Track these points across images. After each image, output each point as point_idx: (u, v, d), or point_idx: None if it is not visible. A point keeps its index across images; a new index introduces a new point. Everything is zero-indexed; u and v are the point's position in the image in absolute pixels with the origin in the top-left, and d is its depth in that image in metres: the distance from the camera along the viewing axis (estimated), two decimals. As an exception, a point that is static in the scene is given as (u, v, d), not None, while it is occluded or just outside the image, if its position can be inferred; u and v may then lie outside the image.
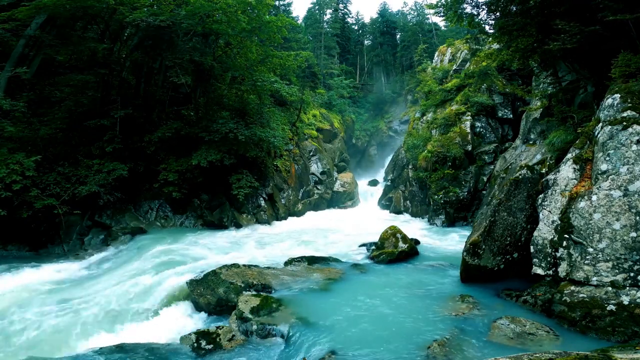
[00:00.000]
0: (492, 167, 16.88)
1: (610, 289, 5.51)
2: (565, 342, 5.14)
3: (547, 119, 11.71)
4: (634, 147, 5.75)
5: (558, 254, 6.20)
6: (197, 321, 7.01)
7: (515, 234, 7.44)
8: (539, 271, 6.44)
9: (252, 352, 5.51)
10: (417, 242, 11.71)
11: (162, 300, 7.56)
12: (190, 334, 5.87)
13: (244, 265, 8.48)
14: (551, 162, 9.50)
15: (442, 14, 12.50)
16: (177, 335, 6.20)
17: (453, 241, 12.53)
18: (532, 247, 6.63)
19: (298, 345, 5.41)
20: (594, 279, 5.70)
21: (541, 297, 6.19)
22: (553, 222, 6.41)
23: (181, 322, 6.95)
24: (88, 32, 15.03)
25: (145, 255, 10.73)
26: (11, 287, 8.49)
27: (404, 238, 10.50)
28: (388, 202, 22.94)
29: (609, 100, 6.50)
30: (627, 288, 5.38)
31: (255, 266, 8.70)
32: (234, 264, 8.40)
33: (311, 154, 24.51)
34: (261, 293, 7.14)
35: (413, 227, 16.07)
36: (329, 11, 47.26)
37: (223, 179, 15.44)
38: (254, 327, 5.92)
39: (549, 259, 6.33)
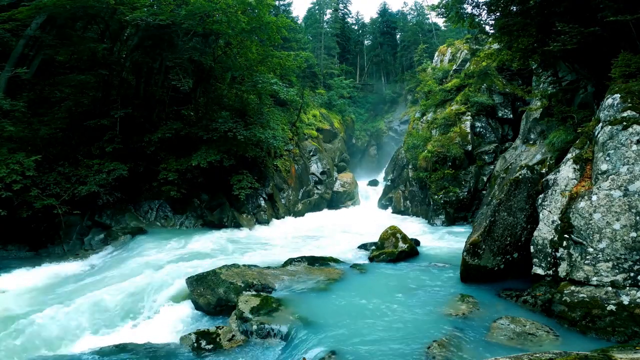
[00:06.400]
0: (492, 167, 16.88)
1: (610, 289, 5.51)
2: (565, 342, 5.14)
3: (547, 119, 11.70)
4: (634, 147, 5.75)
5: (558, 254, 6.20)
6: (197, 321, 7.00)
7: (515, 234, 7.44)
8: (539, 271, 6.43)
9: (252, 352, 5.51)
10: (417, 242, 11.70)
11: (162, 300, 7.55)
12: (190, 334, 5.87)
13: (244, 265, 8.48)
14: (551, 162, 9.50)
15: (443, 15, 12.51)
16: (177, 335, 6.20)
17: (453, 241, 12.53)
18: (532, 247, 6.63)
19: (298, 345, 5.41)
20: (594, 279, 5.70)
21: (541, 297, 6.19)
22: (553, 222, 6.41)
23: (181, 322, 6.94)
24: (88, 32, 15.03)
25: (145, 256, 10.73)
26: (11, 288, 8.50)
27: (404, 238, 10.50)
28: (388, 202, 22.94)
29: (609, 100, 6.50)
30: (627, 288, 5.38)
31: (255, 266, 8.70)
32: (233, 264, 8.40)
33: (311, 154, 24.50)
34: (261, 293, 7.14)
35: (413, 227, 16.06)
36: (329, 11, 47.25)
37: (223, 179, 15.44)
38: (254, 327, 5.92)
39: (549, 259, 6.33)
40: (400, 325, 5.80)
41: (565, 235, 6.14)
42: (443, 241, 12.84)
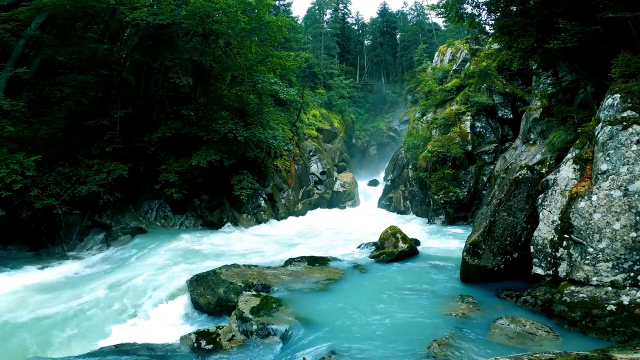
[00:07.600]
0: (492, 167, 16.89)
1: (610, 289, 5.51)
2: (565, 342, 5.14)
3: (547, 119, 11.70)
4: (634, 147, 5.75)
5: (558, 254, 6.20)
6: (197, 321, 7.00)
7: (515, 234, 7.44)
8: (539, 271, 6.44)
9: (252, 352, 5.51)
10: (417, 242, 11.69)
11: (162, 300, 7.54)
12: (190, 334, 5.87)
13: (244, 265, 8.48)
14: (551, 162, 9.49)
15: (443, 15, 12.51)
16: (177, 335, 6.19)
17: (453, 241, 12.52)
18: (532, 247, 6.63)
19: (298, 345, 5.41)
20: (594, 279, 5.70)
21: (541, 297, 6.19)
22: (553, 222, 6.41)
23: (181, 322, 6.94)
24: (88, 32, 15.03)
25: (145, 256, 10.72)
26: (11, 288, 8.48)
27: (404, 238, 10.50)
28: (388, 202, 22.94)
29: (609, 100, 6.50)
30: (627, 288, 5.38)
31: (255, 266, 8.70)
32: (234, 264, 8.40)
33: (311, 154, 24.51)
34: (261, 293, 7.14)
35: (413, 227, 16.06)
36: (329, 11, 47.27)
37: (223, 179, 15.44)
38: (254, 327, 5.92)
39: (549, 259, 6.33)
40: (400, 324, 5.81)
41: (565, 235, 6.14)
42: (443, 241, 12.83)
